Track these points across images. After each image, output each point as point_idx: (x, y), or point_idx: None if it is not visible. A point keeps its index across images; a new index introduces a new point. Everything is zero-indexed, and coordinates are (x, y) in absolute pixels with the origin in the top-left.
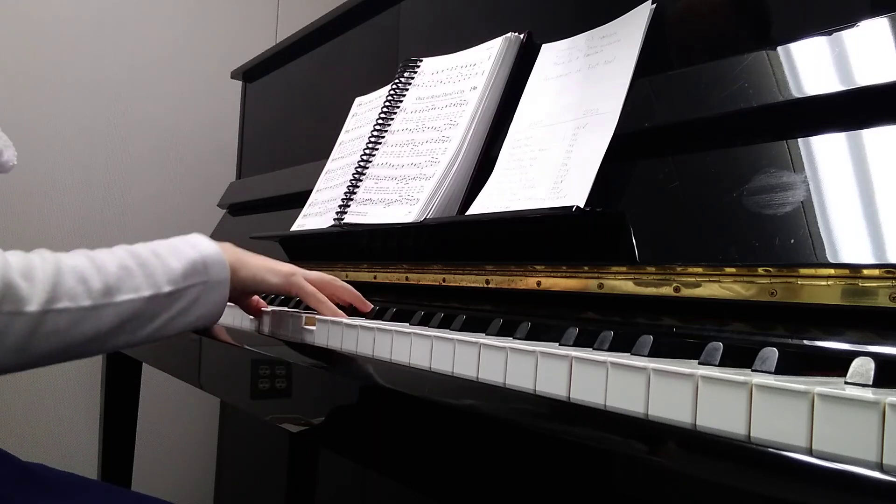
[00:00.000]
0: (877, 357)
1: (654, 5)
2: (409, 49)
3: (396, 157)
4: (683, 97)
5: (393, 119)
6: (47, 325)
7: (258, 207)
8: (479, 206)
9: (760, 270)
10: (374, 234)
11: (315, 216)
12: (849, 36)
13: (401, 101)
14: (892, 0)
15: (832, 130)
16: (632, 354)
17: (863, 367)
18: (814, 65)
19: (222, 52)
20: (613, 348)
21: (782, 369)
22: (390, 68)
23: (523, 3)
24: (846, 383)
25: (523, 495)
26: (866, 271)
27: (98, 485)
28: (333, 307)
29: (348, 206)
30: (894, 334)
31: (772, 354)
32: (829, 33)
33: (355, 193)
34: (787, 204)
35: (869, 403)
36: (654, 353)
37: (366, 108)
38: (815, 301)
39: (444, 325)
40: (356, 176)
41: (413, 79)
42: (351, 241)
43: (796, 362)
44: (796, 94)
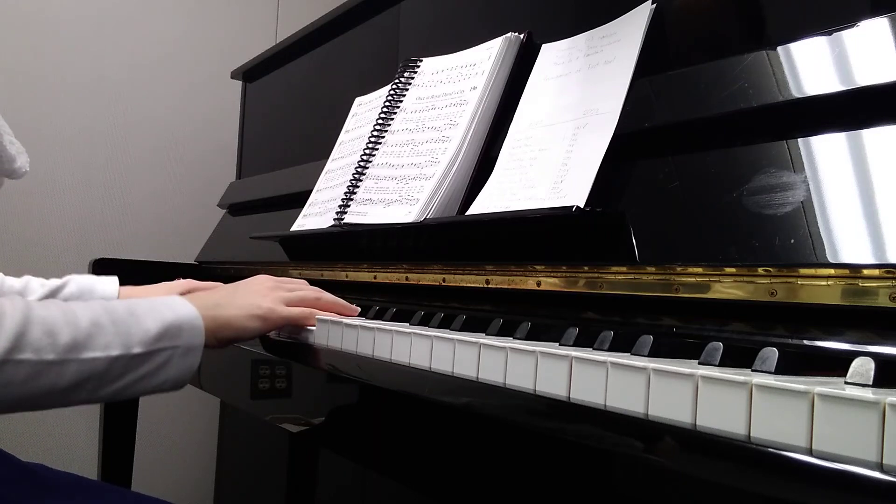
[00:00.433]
0: (877, 357)
1: (654, 5)
2: (409, 49)
3: (396, 157)
4: (683, 97)
5: (393, 119)
6: (3, 376)
7: (258, 207)
8: (479, 206)
9: (760, 270)
10: (374, 234)
11: (315, 216)
12: (849, 36)
13: (401, 101)
14: (892, 0)
15: (832, 130)
16: (632, 354)
17: (863, 367)
18: (814, 65)
19: (222, 52)
20: (613, 348)
21: (782, 369)
22: (390, 68)
23: (523, 3)
24: (846, 383)
25: (523, 495)
26: (866, 271)
27: (98, 485)
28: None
29: (348, 206)
30: (894, 334)
31: (772, 354)
32: (829, 33)
33: (355, 193)
34: (787, 204)
35: (869, 403)
36: (654, 353)
37: (366, 108)
38: (815, 301)
39: (443, 325)
40: (356, 176)
41: (413, 79)
42: (351, 241)
43: (796, 362)
44: (796, 94)
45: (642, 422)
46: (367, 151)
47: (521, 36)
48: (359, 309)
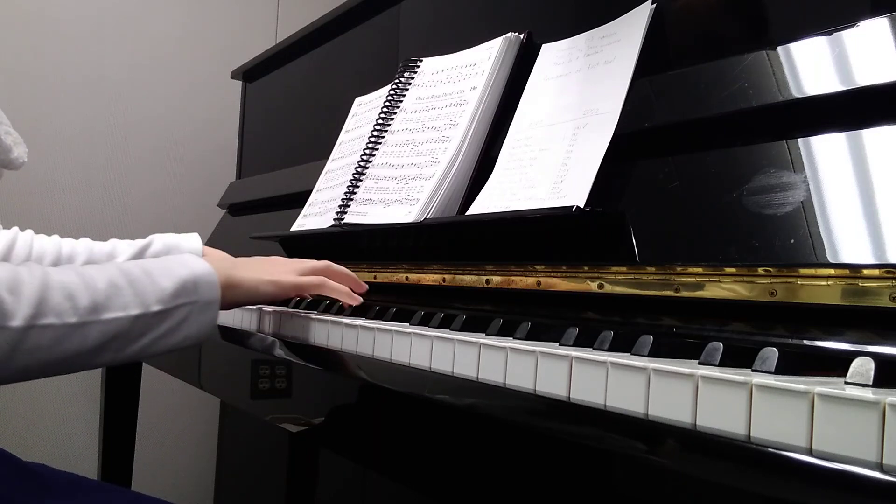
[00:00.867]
0: (877, 357)
1: (654, 5)
2: (409, 49)
3: (396, 157)
4: (683, 97)
5: (393, 119)
6: (30, 341)
7: (258, 207)
8: (479, 206)
9: (760, 270)
10: (374, 234)
11: (315, 216)
12: (849, 36)
13: (401, 101)
14: (892, 0)
15: (832, 130)
16: (632, 354)
17: (863, 367)
18: (814, 65)
19: (222, 53)
20: (613, 348)
21: (782, 369)
22: (390, 68)
23: (523, 3)
24: (846, 383)
25: (523, 495)
26: (866, 271)
27: (98, 485)
28: (342, 289)
29: (348, 206)
30: (894, 334)
31: (772, 354)
32: (829, 33)
33: (355, 193)
34: (787, 204)
35: (869, 403)
36: (654, 353)
37: (366, 108)
38: (815, 301)
39: (443, 325)
40: (356, 176)
41: (413, 79)
42: (351, 241)
43: (796, 362)
44: (796, 94)
45: (642, 422)
46: (367, 151)
47: (521, 36)
48: (367, 286)
